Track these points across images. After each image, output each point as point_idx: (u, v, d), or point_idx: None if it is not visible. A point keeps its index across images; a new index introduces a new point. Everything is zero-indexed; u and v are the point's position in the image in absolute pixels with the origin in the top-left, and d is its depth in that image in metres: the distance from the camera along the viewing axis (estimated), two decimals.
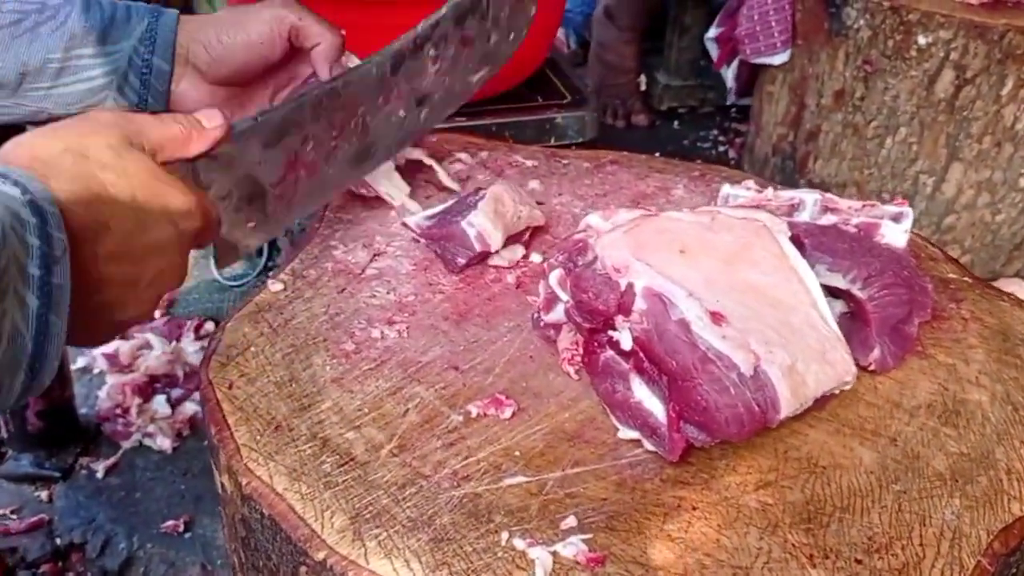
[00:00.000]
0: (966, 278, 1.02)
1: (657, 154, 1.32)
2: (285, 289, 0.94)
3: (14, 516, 1.44)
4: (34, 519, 1.42)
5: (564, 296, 0.83)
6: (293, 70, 1.03)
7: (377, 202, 1.08)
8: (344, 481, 0.73)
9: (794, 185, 2.06)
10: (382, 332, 0.89)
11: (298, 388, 0.82)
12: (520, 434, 0.78)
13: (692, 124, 2.94)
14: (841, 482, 0.75)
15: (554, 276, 0.84)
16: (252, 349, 0.86)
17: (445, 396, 0.82)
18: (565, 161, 1.23)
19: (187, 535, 1.38)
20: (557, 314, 0.85)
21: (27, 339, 0.56)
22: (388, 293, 0.95)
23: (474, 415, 0.80)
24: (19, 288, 0.55)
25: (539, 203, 1.12)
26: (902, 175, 1.97)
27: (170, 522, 1.39)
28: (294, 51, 0.99)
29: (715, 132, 2.89)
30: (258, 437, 0.77)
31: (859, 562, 0.68)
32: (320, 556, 0.68)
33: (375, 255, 1.01)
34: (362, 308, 0.93)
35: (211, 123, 0.76)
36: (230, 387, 0.82)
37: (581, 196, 1.14)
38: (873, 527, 0.71)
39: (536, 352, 0.88)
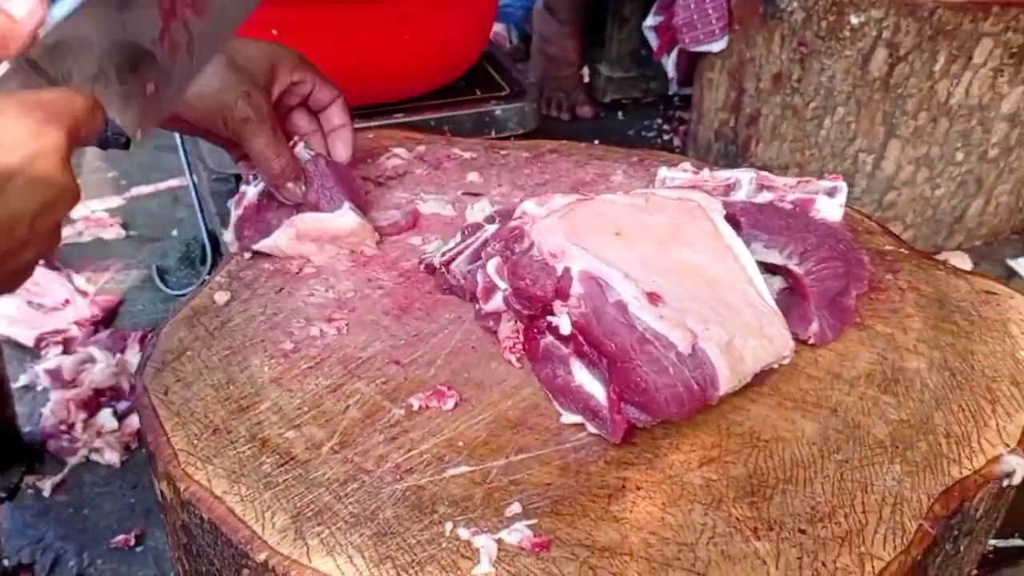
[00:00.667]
0: (902, 249, 1.04)
1: (596, 141, 1.32)
2: (223, 292, 0.93)
3: None
4: None
5: (502, 284, 0.83)
6: None
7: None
8: (284, 480, 0.72)
9: None
10: (321, 330, 0.88)
11: (236, 390, 0.81)
12: (463, 424, 0.78)
13: (636, 114, 2.95)
14: (784, 454, 0.75)
15: (491, 265, 0.84)
16: (188, 353, 0.85)
17: (386, 391, 0.81)
18: (504, 152, 1.23)
19: (139, 548, 1.36)
20: (496, 303, 0.85)
21: None
22: (327, 291, 0.94)
23: (416, 408, 0.79)
24: None
25: (478, 194, 1.11)
26: (842, 154, 2.00)
27: (121, 536, 1.36)
28: None
29: (659, 121, 2.90)
30: (195, 441, 0.75)
31: (803, 532, 0.69)
32: (261, 557, 0.66)
33: None
34: (300, 307, 0.91)
35: (20, 10, 0.62)
36: (166, 393, 0.80)
37: (521, 186, 1.14)
38: (816, 497, 0.72)
39: (478, 342, 0.87)
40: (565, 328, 0.77)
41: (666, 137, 2.83)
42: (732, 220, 0.93)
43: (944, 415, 0.80)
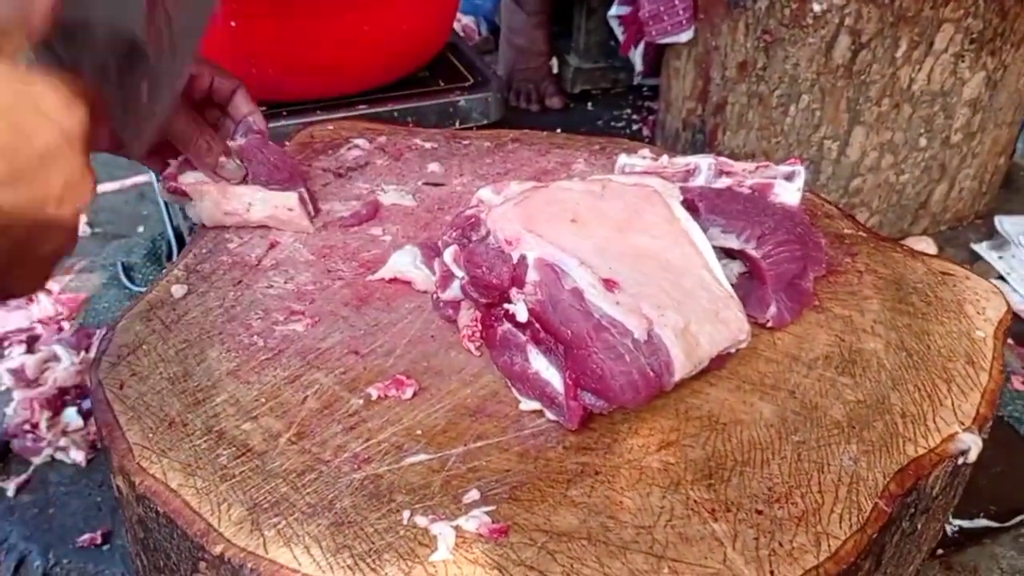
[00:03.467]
0: (861, 232, 1.04)
1: (559, 130, 1.32)
2: (180, 285, 0.92)
3: None
4: None
5: (459, 272, 0.83)
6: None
7: None
8: (241, 472, 0.71)
9: None
10: (280, 322, 0.87)
11: (192, 383, 0.80)
12: (422, 413, 0.77)
13: (606, 105, 2.94)
14: (742, 437, 0.76)
15: (448, 253, 0.83)
16: (144, 347, 0.84)
17: (345, 381, 0.81)
18: (466, 142, 1.22)
19: (106, 547, 1.34)
20: (454, 291, 0.84)
21: None
22: (286, 283, 0.93)
23: (375, 397, 0.79)
24: None
25: (439, 184, 1.11)
26: (807, 141, 2.00)
27: (87, 535, 1.34)
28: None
29: (628, 111, 2.90)
30: (150, 435, 0.74)
31: (760, 512, 0.69)
32: (217, 550, 0.66)
33: (272, 245, 0.99)
34: (259, 299, 0.91)
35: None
36: (121, 387, 0.79)
37: (482, 175, 1.14)
38: (773, 478, 0.72)
39: (437, 331, 0.87)
40: (522, 315, 0.76)
41: (635, 127, 2.83)
42: (690, 205, 0.93)
43: (900, 395, 0.81)
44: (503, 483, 0.71)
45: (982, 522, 1.33)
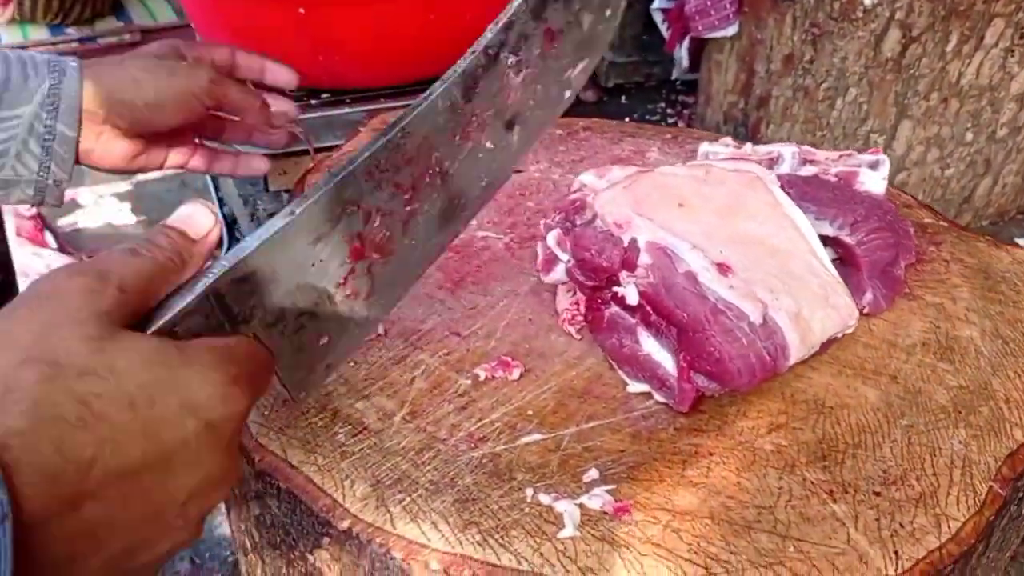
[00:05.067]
0: (942, 222, 1.05)
1: (628, 119, 1.33)
2: None
3: None
4: None
5: (564, 256, 0.83)
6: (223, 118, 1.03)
7: None
8: (360, 450, 0.72)
9: None
10: None
11: None
12: (530, 394, 0.78)
13: (639, 98, 2.95)
14: (850, 420, 0.76)
15: (552, 236, 0.84)
16: None
17: (450, 361, 0.81)
18: None
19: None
20: (557, 275, 0.85)
21: None
22: None
23: (482, 378, 0.79)
24: None
25: (518, 171, 1.12)
26: (853, 135, 2.01)
27: None
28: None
29: (662, 105, 2.91)
30: (266, 413, 0.75)
31: (877, 494, 0.70)
32: (344, 525, 0.67)
33: None
34: None
35: (199, 229, 0.55)
36: None
37: (558, 163, 1.14)
38: (886, 460, 0.73)
39: (535, 315, 0.87)
40: (632, 298, 0.77)
41: (670, 121, 2.83)
42: (783, 192, 0.94)
43: (1002, 381, 0.81)
44: (620, 463, 0.71)
45: None
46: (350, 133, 1.23)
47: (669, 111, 2.88)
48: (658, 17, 2.39)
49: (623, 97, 2.95)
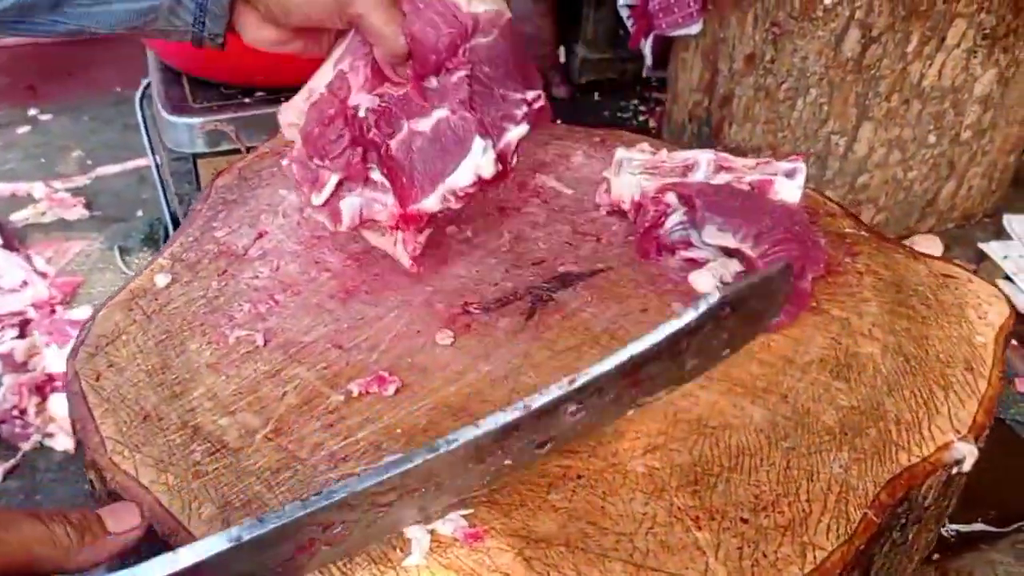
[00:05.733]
0: (863, 232, 1.02)
1: (559, 122, 1.30)
2: (164, 274, 0.90)
3: None
4: None
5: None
6: None
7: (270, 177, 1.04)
8: (215, 469, 0.70)
9: None
10: (263, 314, 0.85)
11: (170, 375, 0.78)
12: (403, 411, 0.75)
13: (613, 96, 2.91)
14: (730, 442, 0.74)
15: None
16: (123, 337, 0.82)
17: (327, 376, 0.79)
18: None
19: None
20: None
21: None
22: (272, 273, 0.91)
23: (356, 394, 0.77)
24: None
25: None
26: (814, 136, 1.97)
27: None
28: None
29: (636, 102, 2.88)
30: (124, 428, 0.73)
31: (745, 521, 0.67)
32: None
33: (260, 234, 0.97)
34: (244, 290, 0.89)
35: (120, 525, 0.55)
36: (97, 378, 0.78)
37: None
38: (760, 485, 0.70)
39: (424, 326, 0.85)
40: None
41: (642, 119, 2.80)
42: (688, 201, 0.91)
43: (896, 401, 0.79)
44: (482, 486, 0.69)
45: (980, 527, 1.30)
46: (271, 132, 1.21)
47: (642, 108, 2.85)
48: (624, 13, 2.35)
49: (596, 94, 2.92)
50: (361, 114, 0.83)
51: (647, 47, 2.31)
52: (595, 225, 1.00)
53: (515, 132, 0.85)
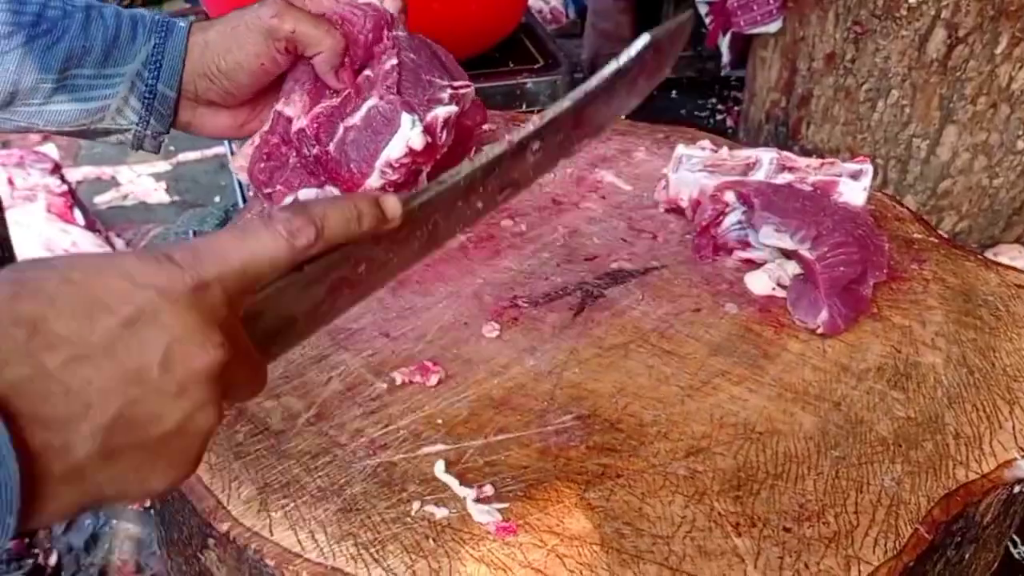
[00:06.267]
0: (932, 238, 0.98)
1: (623, 117, 1.28)
2: None
3: None
4: None
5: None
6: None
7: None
8: (256, 451, 0.70)
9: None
10: None
11: None
12: (445, 401, 0.75)
13: (691, 93, 2.88)
14: (777, 448, 0.72)
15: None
16: None
17: (372, 364, 0.79)
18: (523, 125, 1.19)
19: (152, 511, 1.37)
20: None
21: None
22: None
23: (399, 383, 0.77)
24: None
25: None
26: (895, 139, 1.92)
27: None
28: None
29: (713, 101, 2.84)
30: None
31: (787, 530, 0.65)
32: (224, 527, 0.65)
33: None
34: None
35: (394, 210, 0.55)
36: None
37: None
38: (806, 494, 0.68)
39: (471, 318, 0.84)
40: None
41: (719, 117, 2.76)
42: (746, 201, 0.89)
43: (956, 414, 0.75)
44: (519, 480, 0.68)
45: None
46: None
47: (720, 107, 2.81)
48: (703, 10, 2.32)
49: (674, 91, 2.89)
50: (304, 133, 0.86)
51: (725, 45, 2.27)
52: (652, 222, 0.98)
53: (442, 109, 0.87)
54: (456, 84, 0.90)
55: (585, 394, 0.76)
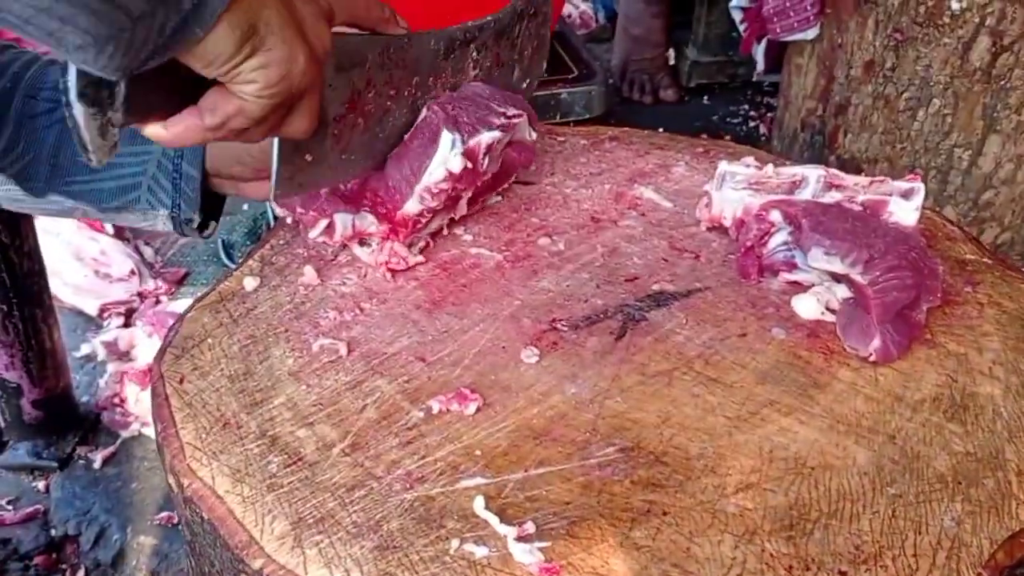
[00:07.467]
0: (985, 259, 0.95)
1: (661, 130, 1.25)
2: (253, 277, 0.90)
3: (10, 507, 1.42)
4: (30, 510, 1.40)
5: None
6: None
7: None
8: (290, 483, 0.68)
9: (823, 162, 1.97)
10: (348, 322, 0.84)
11: (252, 382, 0.77)
12: (483, 432, 0.73)
13: (722, 100, 2.84)
14: (830, 484, 0.69)
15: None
16: (209, 340, 0.82)
17: (408, 390, 0.77)
18: (561, 138, 1.17)
19: (180, 527, 1.35)
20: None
21: None
22: (360, 280, 0.90)
23: (436, 411, 0.75)
24: None
25: (529, 183, 1.06)
26: (936, 149, 1.87)
27: (164, 514, 1.36)
28: None
29: (746, 107, 2.79)
30: (204, 435, 0.72)
31: (843, 574, 0.62)
32: (257, 565, 0.63)
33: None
34: (330, 296, 0.88)
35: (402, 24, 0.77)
36: (181, 381, 0.77)
37: (574, 175, 1.08)
38: (862, 535, 0.65)
39: (509, 342, 0.82)
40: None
41: (752, 124, 2.72)
42: (793, 221, 0.86)
43: (1017, 449, 0.72)
44: (562, 516, 0.66)
45: None
46: None
47: (752, 114, 2.76)
48: (737, 16, 2.28)
49: (705, 97, 2.84)
50: None
51: (759, 52, 2.23)
52: (694, 241, 0.95)
53: (487, 135, 0.86)
54: (510, 113, 0.88)
55: (628, 424, 0.73)
